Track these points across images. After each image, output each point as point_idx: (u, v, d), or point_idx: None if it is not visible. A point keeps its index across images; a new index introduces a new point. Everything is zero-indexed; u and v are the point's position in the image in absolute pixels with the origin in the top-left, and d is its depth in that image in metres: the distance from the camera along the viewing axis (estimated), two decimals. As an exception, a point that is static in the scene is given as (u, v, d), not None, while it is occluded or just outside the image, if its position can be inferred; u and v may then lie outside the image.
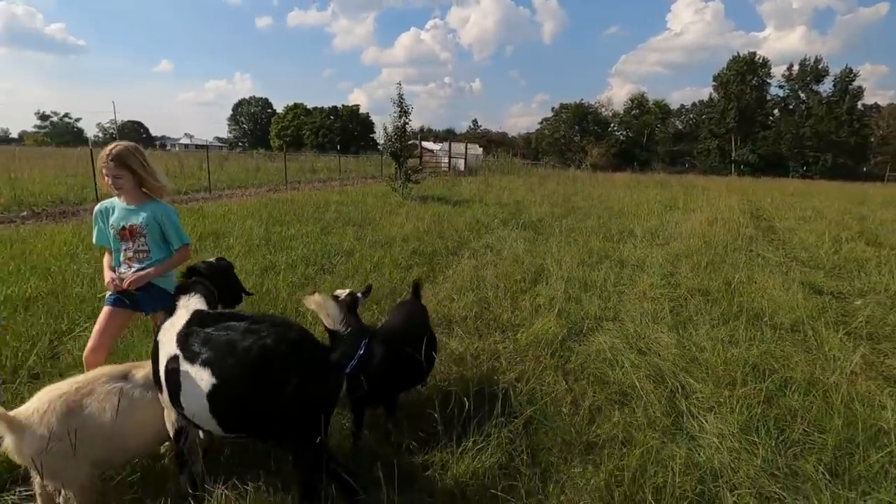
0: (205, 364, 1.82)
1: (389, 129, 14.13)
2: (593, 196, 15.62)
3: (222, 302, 2.43)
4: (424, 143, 32.98)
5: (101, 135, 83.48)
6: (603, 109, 63.18)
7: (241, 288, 2.71)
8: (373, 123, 78.67)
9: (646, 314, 4.46)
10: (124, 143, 2.63)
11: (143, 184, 2.65)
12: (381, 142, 16.19)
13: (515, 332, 4.13)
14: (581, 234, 8.63)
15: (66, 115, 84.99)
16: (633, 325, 4.17)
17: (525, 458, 2.37)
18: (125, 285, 2.58)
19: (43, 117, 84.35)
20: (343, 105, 77.29)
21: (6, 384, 3.07)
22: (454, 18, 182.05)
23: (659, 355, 3.58)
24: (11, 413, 1.90)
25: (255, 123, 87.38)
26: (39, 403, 1.96)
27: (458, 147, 33.74)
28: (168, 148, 75.68)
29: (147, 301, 2.74)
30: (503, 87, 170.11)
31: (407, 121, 13.93)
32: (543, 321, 4.20)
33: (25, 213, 9.69)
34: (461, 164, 30.38)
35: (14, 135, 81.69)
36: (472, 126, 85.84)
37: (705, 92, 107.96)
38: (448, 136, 69.48)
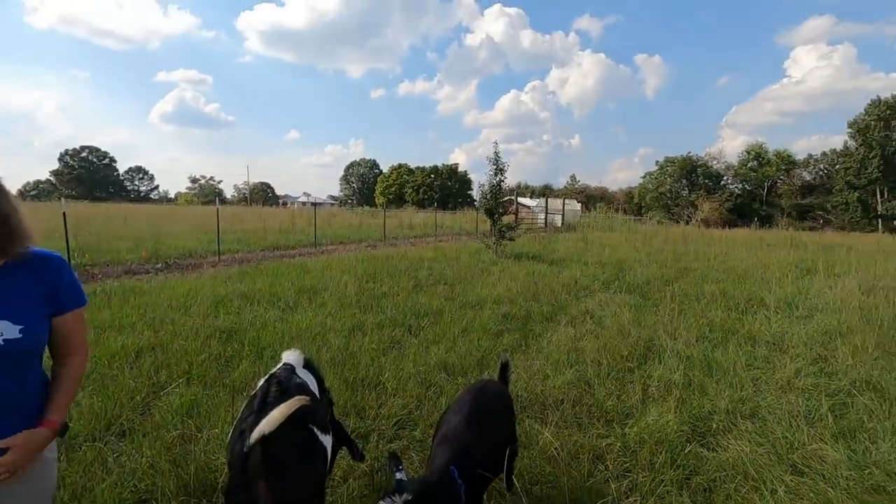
0: None
1: (485, 188, 14.16)
2: (708, 256, 14.04)
3: None
4: (521, 199, 32.84)
5: (236, 195, 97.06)
6: (714, 162, 58.86)
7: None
8: (470, 181, 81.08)
9: (795, 413, 3.53)
10: None
11: None
12: (478, 199, 16.27)
13: (623, 423, 3.47)
14: (698, 301, 7.57)
15: (211, 178, 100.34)
16: (780, 428, 3.29)
17: None
18: None
19: (193, 180, 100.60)
20: (443, 164, 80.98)
21: (96, 442, 3.12)
22: (553, 80, 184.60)
23: (824, 477, 2.71)
24: None
25: (363, 183, 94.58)
26: None
27: (556, 203, 33.15)
28: (288, 205, 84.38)
29: None
30: (604, 142, 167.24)
31: (502, 178, 13.86)
32: (659, 412, 3.49)
33: (160, 265, 10.94)
34: (558, 220, 29.67)
35: (171, 195, 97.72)
36: (570, 181, 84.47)
37: (837, 140, 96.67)
38: (545, 191, 68.75)
